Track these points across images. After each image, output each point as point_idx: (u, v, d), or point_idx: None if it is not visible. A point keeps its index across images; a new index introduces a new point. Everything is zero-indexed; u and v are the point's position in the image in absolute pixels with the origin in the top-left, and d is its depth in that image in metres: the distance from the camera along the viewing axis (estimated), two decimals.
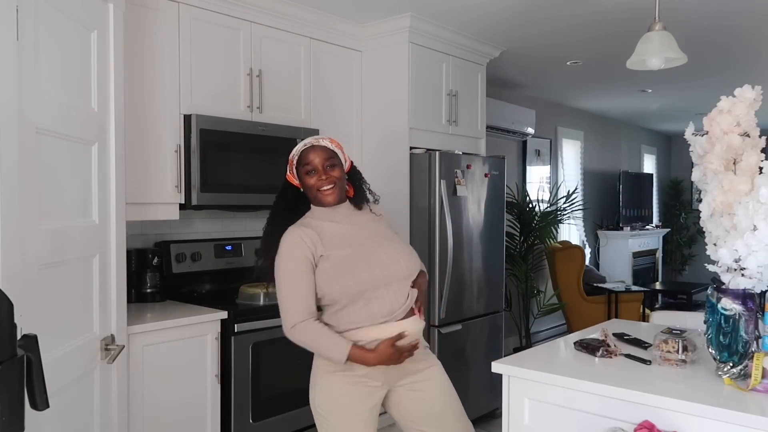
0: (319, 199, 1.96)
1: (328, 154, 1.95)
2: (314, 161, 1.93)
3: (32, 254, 1.53)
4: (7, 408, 0.89)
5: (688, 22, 3.63)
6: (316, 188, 1.94)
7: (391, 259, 1.95)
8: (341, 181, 1.98)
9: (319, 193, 1.95)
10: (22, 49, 1.47)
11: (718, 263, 1.72)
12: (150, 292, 2.94)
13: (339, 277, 1.88)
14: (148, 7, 2.74)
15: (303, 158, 1.95)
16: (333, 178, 1.94)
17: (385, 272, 1.92)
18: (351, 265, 1.89)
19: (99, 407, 1.97)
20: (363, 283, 1.89)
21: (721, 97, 1.79)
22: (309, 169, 1.94)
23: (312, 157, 1.94)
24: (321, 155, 1.94)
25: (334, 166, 1.96)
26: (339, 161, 1.98)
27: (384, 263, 1.93)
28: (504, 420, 1.89)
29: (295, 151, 1.99)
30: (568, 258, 5.68)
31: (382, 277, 1.91)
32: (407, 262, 1.98)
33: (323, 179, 1.93)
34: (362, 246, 1.95)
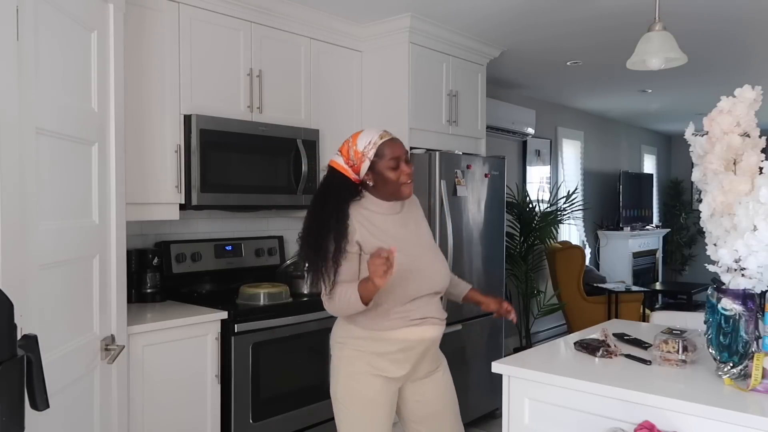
0: (399, 191, 1.98)
1: (406, 149, 2.02)
2: (398, 152, 1.96)
3: (32, 254, 1.53)
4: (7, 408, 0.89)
5: (688, 22, 3.63)
6: (400, 182, 1.96)
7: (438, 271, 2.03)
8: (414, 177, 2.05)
9: (402, 186, 1.97)
10: (22, 49, 1.47)
11: (718, 263, 1.72)
12: (150, 292, 2.94)
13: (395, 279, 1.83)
14: (148, 7, 2.74)
15: (385, 151, 1.95)
16: (412, 173, 2.00)
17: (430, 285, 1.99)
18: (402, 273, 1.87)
19: (99, 407, 1.97)
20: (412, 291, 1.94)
21: (721, 97, 1.79)
22: (394, 164, 1.95)
23: (395, 149, 1.96)
24: (402, 149, 1.99)
25: (409, 162, 2.01)
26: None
27: (431, 275, 2.00)
28: (504, 420, 1.89)
29: (364, 144, 1.95)
30: (568, 258, 5.68)
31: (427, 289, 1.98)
32: (446, 275, 2.07)
33: (407, 172, 1.97)
34: (414, 253, 1.98)
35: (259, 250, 3.46)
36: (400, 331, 1.94)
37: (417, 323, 1.95)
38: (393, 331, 1.94)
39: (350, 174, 1.98)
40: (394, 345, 1.94)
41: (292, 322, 2.93)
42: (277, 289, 2.98)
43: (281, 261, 3.53)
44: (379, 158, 1.95)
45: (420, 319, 1.96)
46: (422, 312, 1.96)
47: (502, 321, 4.09)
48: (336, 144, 3.54)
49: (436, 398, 2.08)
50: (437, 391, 2.09)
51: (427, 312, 1.98)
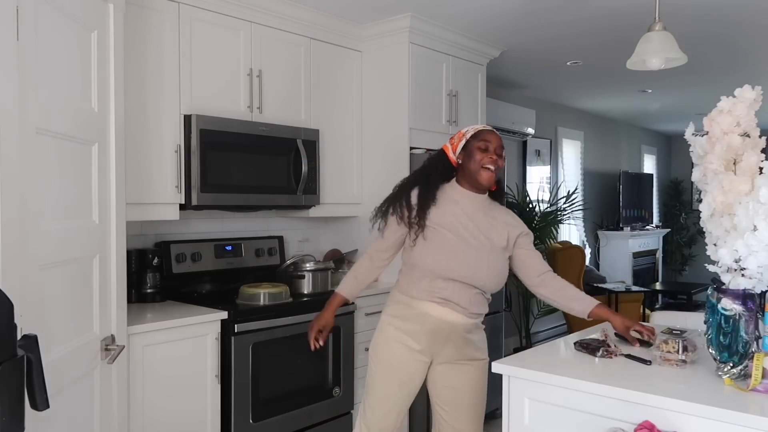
0: (479, 174, 2.12)
1: (502, 144, 2.17)
2: (492, 141, 2.14)
3: (32, 254, 1.53)
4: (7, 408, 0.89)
5: (688, 22, 3.63)
6: (482, 163, 2.11)
7: (477, 265, 2.12)
8: (501, 172, 2.18)
9: (482, 169, 2.11)
10: (22, 49, 1.47)
11: (718, 263, 1.72)
12: (150, 292, 2.94)
13: (434, 253, 2.11)
14: (148, 7, 2.74)
15: (482, 135, 2.15)
16: (499, 164, 2.13)
17: (462, 273, 2.11)
18: (443, 249, 2.10)
19: (99, 407, 1.97)
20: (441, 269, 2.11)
21: (721, 97, 1.79)
22: (485, 146, 2.12)
23: (492, 137, 2.15)
24: (498, 140, 2.16)
25: (502, 157, 2.16)
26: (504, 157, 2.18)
27: (468, 266, 2.10)
28: (504, 420, 1.89)
29: (469, 128, 2.20)
30: (568, 258, 5.68)
31: (459, 275, 2.11)
32: (487, 275, 2.14)
33: (494, 158, 2.11)
34: (463, 240, 2.12)
35: (259, 250, 3.46)
36: (423, 303, 2.14)
37: (439, 302, 2.13)
38: (418, 301, 2.15)
39: (449, 152, 2.20)
40: (415, 315, 2.15)
41: (292, 322, 2.93)
42: (277, 289, 2.98)
43: (281, 261, 3.53)
44: (474, 139, 2.15)
45: (444, 299, 2.12)
46: (448, 294, 2.12)
47: (502, 321, 4.09)
48: (336, 144, 3.58)
49: (462, 388, 2.21)
50: (464, 382, 2.21)
51: (454, 297, 2.12)
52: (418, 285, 2.16)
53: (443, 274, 2.11)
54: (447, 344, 2.19)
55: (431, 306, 2.14)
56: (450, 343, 2.19)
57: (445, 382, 2.22)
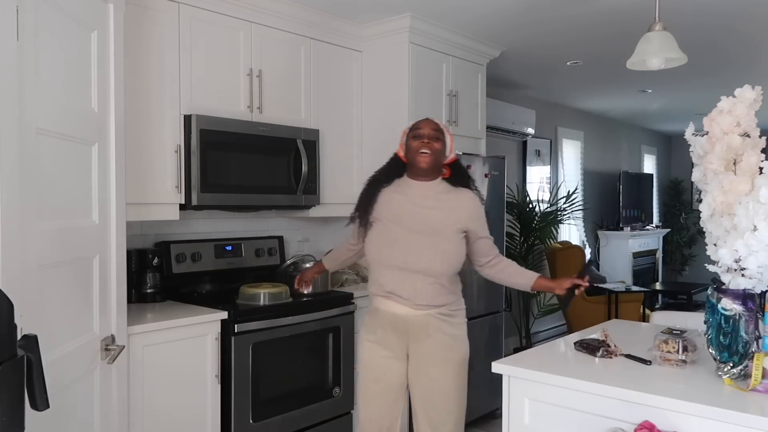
0: (416, 161, 2.23)
1: (437, 127, 2.26)
2: (423, 128, 2.25)
3: (32, 254, 1.53)
4: (7, 408, 0.89)
5: (688, 23, 3.63)
6: (416, 149, 2.22)
7: (418, 250, 2.16)
8: (438, 154, 2.25)
9: (417, 155, 2.22)
10: (22, 49, 1.47)
11: (719, 263, 1.72)
12: (150, 292, 2.94)
13: (373, 243, 2.24)
14: (148, 7, 2.74)
15: (415, 125, 2.29)
16: (433, 147, 2.22)
17: (404, 259, 2.17)
18: (385, 239, 2.21)
19: (99, 407, 1.97)
20: (383, 258, 2.21)
21: (721, 98, 1.79)
22: (416, 134, 2.25)
23: (422, 124, 2.28)
24: (431, 126, 2.26)
25: (438, 140, 2.24)
26: (443, 141, 2.27)
27: (408, 251, 2.17)
28: (504, 420, 1.89)
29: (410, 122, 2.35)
30: (568, 258, 5.68)
31: (401, 263, 2.17)
32: (430, 260, 2.16)
33: (425, 143, 2.22)
34: (406, 227, 2.20)
35: (259, 250, 3.46)
36: (375, 298, 2.26)
37: (385, 295, 2.22)
38: (373, 297, 2.28)
39: (400, 152, 2.34)
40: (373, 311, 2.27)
41: (292, 322, 2.93)
42: (277, 289, 2.98)
43: (281, 261, 3.53)
44: (410, 130, 2.29)
45: (388, 292, 2.20)
46: (393, 287, 2.19)
47: (502, 321, 4.09)
48: (336, 144, 3.58)
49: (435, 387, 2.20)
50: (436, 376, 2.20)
51: (397, 289, 2.19)
52: (372, 280, 2.28)
53: (385, 262, 2.20)
54: (411, 339, 2.21)
55: (379, 300, 2.24)
56: (412, 337, 2.20)
57: (416, 380, 2.23)
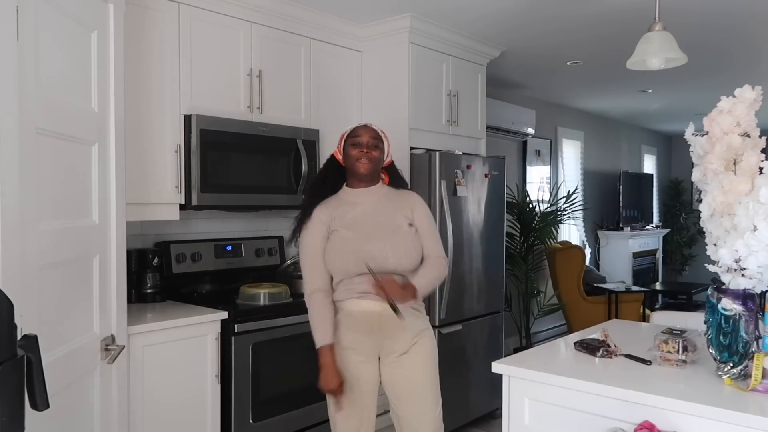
0: (355, 168, 2.21)
1: (376, 135, 2.24)
2: (362, 136, 2.23)
3: (32, 254, 1.53)
4: (7, 408, 0.88)
5: (688, 23, 3.63)
6: (355, 158, 2.20)
7: (382, 252, 2.16)
8: (378, 161, 2.24)
9: (357, 163, 2.20)
10: (22, 49, 1.47)
11: (719, 263, 1.72)
12: (150, 292, 2.94)
13: (337, 254, 2.19)
14: (148, 7, 2.74)
15: (353, 131, 2.25)
16: (372, 155, 2.21)
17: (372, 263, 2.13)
18: (349, 248, 2.18)
19: (99, 407, 1.97)
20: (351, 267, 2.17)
21: (721, 98, 1.79)
22: (355, 141, 2.22)
23: (362, 132, 2.24)
24: (369, 133, 2.24)
25: (377, 148, 2.23)
26: (382, 147, 2.26)
27: (373, 255, 2.15)
28: (504, 420, 1.89)
29: (348, 127, 2.29)
30: (568, 258, 5.68)
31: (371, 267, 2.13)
32: (396, 259, 2.17)
33: (364, 152, 2.20)
34: (366, 234, 2.19)
35: (259, 250, 3.46)
36: (346, 302, 2.21)
37: (359, 296, 2.17)
38: (342, 302, 2.22)
39: (338, 155, 2.30)
40: (343, 317, 2.21)
41: (292, 322, 2.93)
42: (277, 289, 2.98)
43: (281, 261, 3.53)
44: (349, 137, 2.25)
45: (362, 293, 2.16)
46: (365, 287, 2.14)
47: (502, 321, 4.09)
48: (336, 144, 3.56)
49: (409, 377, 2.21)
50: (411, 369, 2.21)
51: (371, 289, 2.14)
52: (339, 288, 2.22)
53: (355, 270, 2.16)
54: (385, 337, 2.19)
55: (352, 302, 2.19)
56: (386, 334, 2.19)
57: (393, 378, 2.22)
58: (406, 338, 2.20)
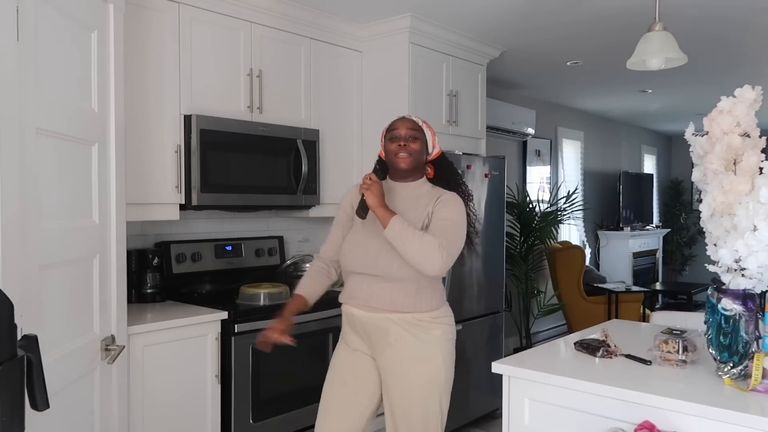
0: (394, 163, 2.12)
1: (414, 126, 2.13)
2: (399, 129, 2.13)
3: (32, 254, 1.53)
4: (7, 408, 0.89)
5: (688, 23, 3.63)
6: (394, 153, 2.11)
7: (376, 254, 2.06)
8: (418, 154, 2.12)
9: (395, 158, 2.11)
10: (22, 49, 1.47)
11: (719, 263, 1.72)
12: (150, 292, 2.94)
13: (345, 244, 2.17)
14: (148, 8, 2.74)
15: (391, 125, 2.17)
16: (411, 149, 2.10)
17: (364, 261, 2.09)
18: (352, 242, 2.14)
19: (99, 408, 1.97)
20: (346, 261, 2.14)
21: (721, 98, 1.79)
22: (393, 135, 2.14)
23: (399, 125, 2.15)
24: (407, 125, 2.13)
25: (416, 140, 2.12)
26: (423, 138, 2.14)
27: (368, 253, 2.08)
28: (504, 420, 1.89)
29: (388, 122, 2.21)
30: (568, 258, 5.68)
31: (361, 266, 2.10)
32: (386, 262, 2.04)
33: (401, 146, 2.10)
34: (369, 231, 2.10)
35: (259, 250, 3.46)
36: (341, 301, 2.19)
37: (346, 300, 2.15)
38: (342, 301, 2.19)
39: (382, 154, 2.21)
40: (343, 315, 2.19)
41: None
42: (277, 289, 2.98)
43: (281, 261, 3.53)
44: (387, 132, 2.17)
45: (348, 295, 2.14)
46: (350, 289, 2.13)
47: (502, 321, 4.09)
48: (336, 144, 3.58)
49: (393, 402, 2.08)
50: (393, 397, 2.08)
51: (354, 291, 2.11)
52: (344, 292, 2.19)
53: (348, 266, 2.14)
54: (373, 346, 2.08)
55: (344, 305, 2.17)
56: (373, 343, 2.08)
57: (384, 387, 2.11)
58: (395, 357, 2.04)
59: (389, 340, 2.04)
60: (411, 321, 2.04)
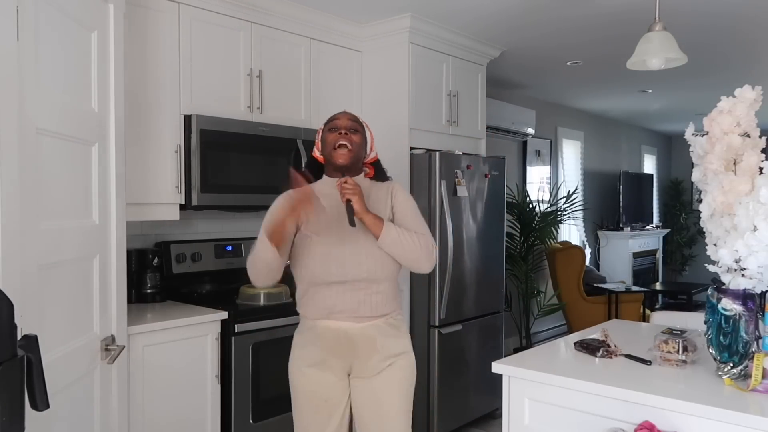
0: (333, 157, 1.99)
1: (354, 119, 2.04)
2: (340, 121, 2.03)
3: (32, 254, 1.53)
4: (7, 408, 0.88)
5: (688, 23, 3.63)
6: (333, 144, 1.98)
7: (354, 258, 1.93)
8: (358, 148, 2.01)
9: (334, 151, 1.98)
10: (22, 49, 1.47)
11: (719, 263, 1.72)
12: (150, 292, 2.94)
13: (304, 259, 1.96)
14: (148, 7, 2.74)
15: (331, 119, 2.06)
16: (352, 139, 1.99)
17: (342, 272, 1.92)
18: (313, 252, 1.94)
19: (99, 408, 1.97)
20: (317, 275, 1.94)
21: (721, 98, 1.79)
22: (332, 126, 2.02)
23: (339, 116, 2.05)
24: (347, 118, 2.04)
25: (357, 132, 2.02)
26: (363, 132, 2.05)
27: (343, 261, 1.92)
28: (504, 420, 1.89)
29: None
30: (568, 258, 5.68)
31: (340, 277, 1.93)
32: (371, 265, 1.93)
33: (342, 135, 1.98)
34: (336, 236, 1.94)
35: None
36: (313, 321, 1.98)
37: (326, 315, 1.95)
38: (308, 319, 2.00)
39: (316, 153, 2.11)
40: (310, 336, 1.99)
41: (292, 323, 2.91)
42: (277, 290, 2.98)
43: None
44: (326, 124, 2.06)
45: (328, 310, 1.95)
46: (331, 303, 1.94)
47: (502, 321, 4.09)
48: None
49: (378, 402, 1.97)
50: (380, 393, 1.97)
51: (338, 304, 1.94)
52: (304, 299, 2.00)
53: (322, 280, 1.93)
54: (355, 357, 1.97)
55: (320, 321, 1.96)
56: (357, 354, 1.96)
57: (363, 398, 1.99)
58: (378, 360, 1.97)
59: (376, 346, 1.97)
60: (391, 322, 2.02)
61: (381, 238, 1.90)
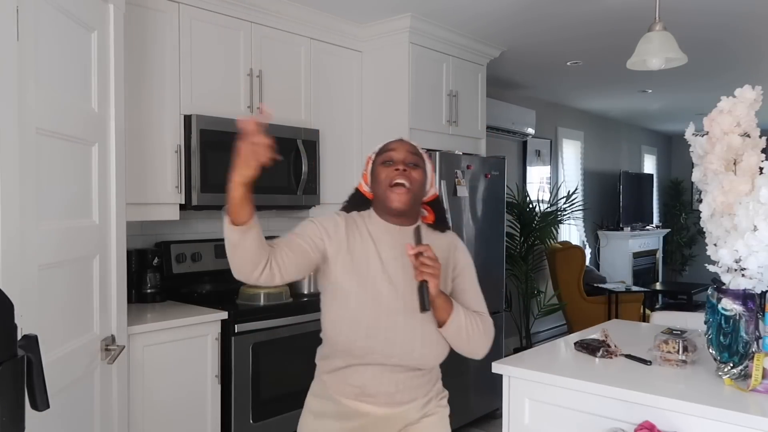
0: (387, 199, 1.57)
1: (414, 152, 1.61)
2: (396, 152, 1.59)
3: (32, 254, 1.53)
4: (7, 408, 0.88)
5: (688, 22, 3.63)
6: (388, 182, 1.56)
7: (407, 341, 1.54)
8: (418, 187, 1.59)
9: (389, 190, 1.55)
10: (22, 49, 1.47)
11: (719, 264, 1.72)
12: (150, 292, 2.94)
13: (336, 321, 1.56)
14: (148, 8, 2.74)
15: (385, 148, 1.63)
16: (411, 177, 1.56)
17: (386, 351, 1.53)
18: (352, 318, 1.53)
19: (99, 408, 1.97)
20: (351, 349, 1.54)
21: (721, 98, 1.79)
22: (386, 159, 1.59)
23: (396, 146, 1.61)
24: (406, 149, 1.61)
25: (417, 167, 1.59)
26: (423, 167, 1.62)
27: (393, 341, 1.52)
28: (504, 420, 1.90)
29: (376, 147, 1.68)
30: (568, 258, 5.68)
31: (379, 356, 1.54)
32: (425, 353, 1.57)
33: (399, 172, 1.55)
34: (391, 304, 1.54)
35: None
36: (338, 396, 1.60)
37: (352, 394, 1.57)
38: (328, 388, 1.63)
39: (363, 187, 1.69)
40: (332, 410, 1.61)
41: (292, 323, 2.93)
42: (277, 290, 2.98)
43: None
44: (377, 155, 1.64)
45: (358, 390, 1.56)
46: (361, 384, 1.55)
47: (502, 321, 4.09)
48: (336, 144, 3.58)
49: None
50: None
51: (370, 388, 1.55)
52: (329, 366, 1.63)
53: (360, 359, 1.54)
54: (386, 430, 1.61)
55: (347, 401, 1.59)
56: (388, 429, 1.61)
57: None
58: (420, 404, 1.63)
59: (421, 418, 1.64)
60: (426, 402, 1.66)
61: (447, 325, 1.55)
